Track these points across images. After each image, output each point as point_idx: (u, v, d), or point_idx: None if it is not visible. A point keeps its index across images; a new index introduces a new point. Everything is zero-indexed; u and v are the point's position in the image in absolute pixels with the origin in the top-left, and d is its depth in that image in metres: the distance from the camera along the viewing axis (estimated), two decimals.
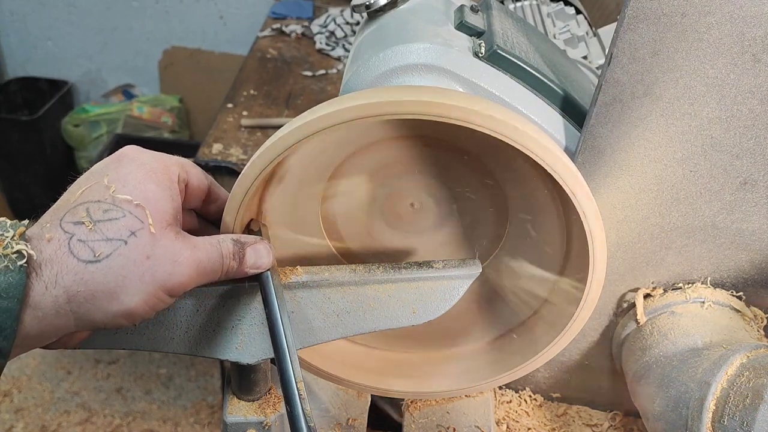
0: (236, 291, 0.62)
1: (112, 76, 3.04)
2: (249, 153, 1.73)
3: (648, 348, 0.73)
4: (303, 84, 2.05)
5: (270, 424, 0.66)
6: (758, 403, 0.57)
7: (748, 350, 0.64)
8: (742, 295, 0.76)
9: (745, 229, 0.71)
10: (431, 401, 0.83)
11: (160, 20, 2.87)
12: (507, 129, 0.58)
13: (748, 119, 0.65)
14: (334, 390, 0.85)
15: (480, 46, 0.74)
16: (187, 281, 0.52)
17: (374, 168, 0.70)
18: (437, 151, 0.69)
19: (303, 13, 2.41)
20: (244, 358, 0.64)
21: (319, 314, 0.64)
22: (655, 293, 0.77)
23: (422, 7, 0.80)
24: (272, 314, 0.57)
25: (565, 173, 0.60)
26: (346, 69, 0.78)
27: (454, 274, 0.64)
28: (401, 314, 0.65)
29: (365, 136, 0.67)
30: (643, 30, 0.61)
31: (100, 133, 2.84)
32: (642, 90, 0.65)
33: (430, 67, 0.71)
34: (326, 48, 2.22)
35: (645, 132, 0.67)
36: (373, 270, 0.64)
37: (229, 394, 0.67)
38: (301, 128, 0.57)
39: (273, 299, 0.57)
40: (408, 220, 0.74)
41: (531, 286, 0.76)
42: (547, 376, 0.87)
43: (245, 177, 0.60)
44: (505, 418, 0.86)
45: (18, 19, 2.93)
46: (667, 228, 0.73)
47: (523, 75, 0.73)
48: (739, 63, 0.62)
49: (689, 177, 0.69)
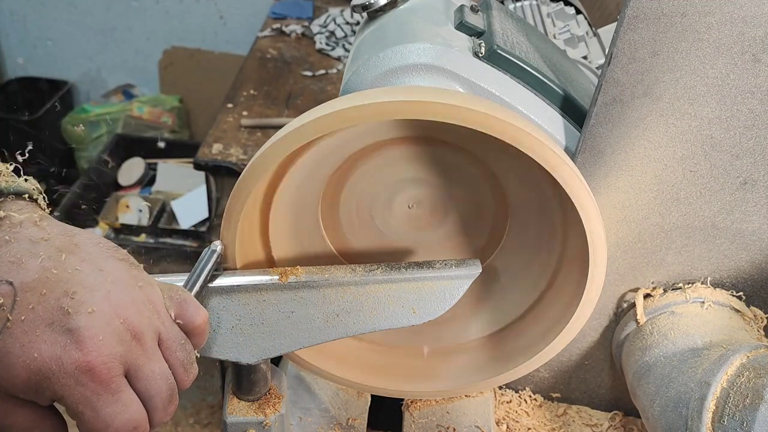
0: (236, 291, 0.62)
1: (112, 76, 3.04)
2: (249, 153, 1.73)
3: (648, 348, 0.73)
4: (303, 84, 2.05)
5: (270, 424, 0.66)
6: (758, 403, 0.57)
7: (748, 350, 0.64)
8: (742, 295, 0.76)
9: (745, 229, 0.71)
10: (431, 401, 0.83)
11: (160, 20, 2.87)
12: (508, 129, 0.58)
13: (748, 119, 0.65)
14: (334, 390, 0.85)
15: (480, 46, 0.74)
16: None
17: (374, 168, 0.70)
18: (437, 151, 0.69)
19: (303, 13, 2.41)
20: (244, 358, 0.64)
21: (319, 314, 0.64)
22: (655, 293, 0.77)
23: (422, 7, 0.80)
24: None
25: (566, 173, 0.60)
26: (346, 69, 0.78)
27: (454, 274, 0.64)
28: (401, 314, 0.65)
29: (366, 136, 0.67)
30: (643, 30, 0.61)
31: (100, 133, 2.84)
32: (642, 90, 0.65)
33: (430, 67, 0.71)
34: (326, 48, 2.22)
35: (645, 132, 0.67)
36: (373, 270, 0.64)
37: (229, 394, 0.67)
38: (296, 132, 0.58)
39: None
40: (408, 220, 0.74)
41: (531, 285, 0.76)
42: (547, 376, 0.87)
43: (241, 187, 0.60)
44: (505, 418, 0.86)
45: (18, 19, 2.93)
46: (667, 228, 0.73)
47: (523, 75, 0.73)
48: (739, 63, 0.62)
49: (689, 177, 0.69)
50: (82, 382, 0.46)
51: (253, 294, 0.63)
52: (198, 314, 0.54)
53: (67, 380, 0.46)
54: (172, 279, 0.58)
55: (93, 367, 0.46)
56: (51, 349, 0.45)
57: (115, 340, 0.47)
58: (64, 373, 0.45)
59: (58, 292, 0.46)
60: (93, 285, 0.47)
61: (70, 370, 0.45)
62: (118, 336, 0.47)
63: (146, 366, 0.49)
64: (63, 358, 0.45)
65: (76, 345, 0.46)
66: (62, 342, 0.45)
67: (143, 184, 2.70)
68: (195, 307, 0.54)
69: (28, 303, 0.45)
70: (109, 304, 0.47)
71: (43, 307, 0.46)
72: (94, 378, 0.46)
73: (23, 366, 0.45)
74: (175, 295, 0.54)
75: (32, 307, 0.45)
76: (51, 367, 0.45)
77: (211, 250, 0.62)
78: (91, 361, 0.46)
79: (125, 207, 2.53)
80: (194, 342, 0.54)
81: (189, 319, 0.53)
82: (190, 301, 0.54)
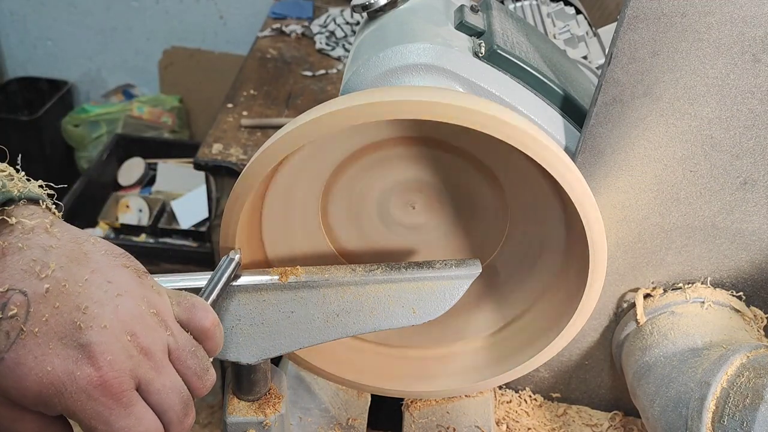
0: (235, 291, 0.62)
1: (112, 76, 3.04)
2: (249, 153, 1.73)
3: (648, 348, 0.73)
4: (303, 84, 2.05)
5: (270, 424, 0.66)
6: (758, 403, 0.57)
7: (748, 350, 0.64)
8: (742, 295, 0.76)
9: (745, 229, 0.71)
10: (431, 401, 0.83)
11: (160, 20, 2.87)
12: (507, 129, 0.58)
13: (748, 119, 0.65)
14: (334, 390, 0.85)
15: (480, 46, 0.74)
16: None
17: (375, 168, 0.70)
18: (438, 151, 0.69)
19: (303, 13, 2.41)
20: (244, 358, 0.64)
21: (319, 314, 0.64)
22: (655, 293, 0.77)
23: (422, 7, 0.80)
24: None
25: (565, 173, 0.60)
26: (346, 69, 0.78)
27: (454, 274, 0.64)
28: (401, 314, 0.65)
29: (365, 136, 0.67)
30: (643, 30, 0.61)
31: (100, 133, 2.84)
32: (642, 90, 0.65)
33: (429, 67, 0.71)
34: (326, 48, 2.22)
35: (645, 132, 0.67)
36: (373, 270, 0.64)
37: (229, 394, 0.67)
38: (296, 132, 0.58)
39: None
40: (408, 220, 0.74)
41: (531, 285, 0.76)
42: (547, 376, 0.87)
43: (245, 179, 0.60)
44: (505, 418, 0.86)
45: (18, 19, 2.93)
46: (667, 228, 0.73)
47: (523, 75, 0.73)
48: (739, 63, 0.62)
49: (689, 177, 0.69)
50: (94, 397, 0.46)
51: (253, 294, 0.63)
52: (207, 318, 0.53)
53: (79, 395, 0.46)
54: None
55: (105, 382, 0.46)
56: (64, 364, 0.45)
57: (124, 355, 0.47)
58: (77, 388, 0.45)
59: (70, 306, 0.46)
60: (102, 299, 0.47)
61: (83, 385, 0.45)
62: (126, 351, 0.47)
63: (156, 380, 0.49)
64: (76, 373, 0.45)
65: (88, 360, 0.46)
66: (74, 357, 0.45)
67: (143, 184, 2.70)
68: (204, 311, 0.53)
69: (41, 315, 0.45)
70: (118, 319, 0.47)
71: (56, 320, 0.46)
72: (106, 393, 0.46)
73: (35, 379, 0.45)
74: (183, 301, 0.53)
75: (46, 320, 0.45)
76: (63, 382, 0.45)
77: (229, 258, 0.61)
78: (103, 376, 0.46)
79: (125, 207, 2.53)
80: (207, 347, 0.54)
81: (198, 324, 0.53)
82: (199, 306, 0.54)
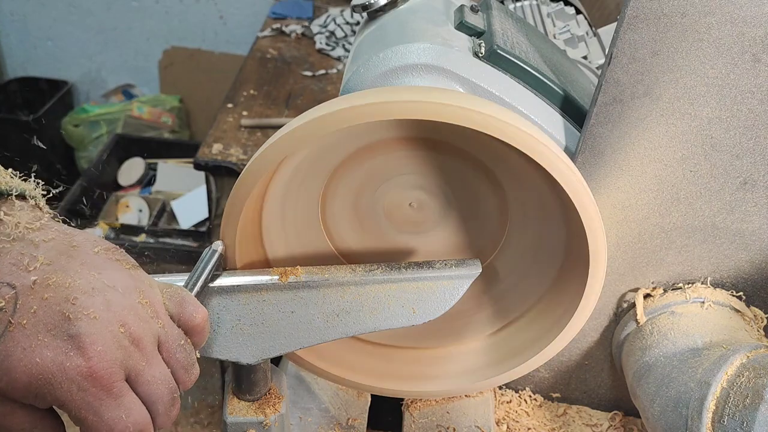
0: (236, 291, 0.62)
1: (112, 76, 3.04)
2: (249, 153, 1.73)
3: (648, 348, 0.73)
4: (303, 84, 2.05)
5: (270, 424, 0.66)
6: (758, 403, 0.57)
7: (748, 350, 0.64)
8: (742, 295, 0.76)
9: (745, 229, 0.71)
10: (431, 401, 0.83)
11: (160, 20, 2.87)
12: (507, 129, 0.58)
13: (748, 119, 0.65)
14: (334, 390, 0.85)
15: (480, 46, 0.74)
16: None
17: (375, 168, 0.70)
18: (437, 151, 0.69)
19: (303, 13, 2.41)
20: (244, 358, 0.64)
21: (319, 314, 0.64)
22: (655, 293, 0.77)
23: (422, 7, 0.80)
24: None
25: (565, 173, 0.60)
26: (346, 69, 0.78)
27: (454, 274, 0.64)
28: (401, 314, 0.65)
29: (365, 136, 0.67)
30: (643, 30, 0.61)
31: (100, 133, 2.84)
32: (642, 90, 0.65)
33: (430, 67, 0.71)
34: (326, 48, 2.22)
35: (645, 132, 0.67)
36: (373, 270, 0.64)
37: (229, 394, 0.67)
38: (296, 131, 0.58)
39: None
40: (408, 220, 0.74)
41: (531, 285, 0.76)
42: (547, 376, 0.87)
43: (245, 179, 0.60)
44: (505, 418, 0.86)
45: (18, 19, 2.93)
46: (667, 228, 0.73)
47: (523, 75, 0.73)
48: (739, 63, 0.62)
49: (689, 177, 0.69)
50: (84, 387, 0.46)
51: (254, 294, 0.63)
52: (197, 313, 0.54)
53: (69, 386, 0.45)
54: (172, 279, 0.58)
55: (95, 373, 0.46)
56: (53, 355, 0.45)
57: (114, 346, 0.47)
58: (67, 379, 0.45)
59: (59, 297, 0.46)
60: (92, 290, 0.47)
61: (72, 376, 0.45)
62: (117, 342, 0.47)
63: (146, 371, 0.49)
64: (65, 364, 0.45)
65: (78, 351, 0.45)
66: (64, 348, 0.45)
67: (143, 184, 2.70)
68: (194, 305, 0.54)
69: (29, 307, 0.45)
70: (108, 309, 0.47)
71: (45, 312, 0.46)
72: (96, 383, 0.46)
73: (24, 370, 0.45)
74: (174, 294, 0.54)
75: (34, 311, 0.45)
76: (53, 373, 0.45)
77: (212, 249, 0.62)
78: (92, 366, 0.46)
79: (125, 207, 2.53)
80: (194, 341, 0.54)
81: (188, 318, 0.53)
82: (189, 300, 0.54)
